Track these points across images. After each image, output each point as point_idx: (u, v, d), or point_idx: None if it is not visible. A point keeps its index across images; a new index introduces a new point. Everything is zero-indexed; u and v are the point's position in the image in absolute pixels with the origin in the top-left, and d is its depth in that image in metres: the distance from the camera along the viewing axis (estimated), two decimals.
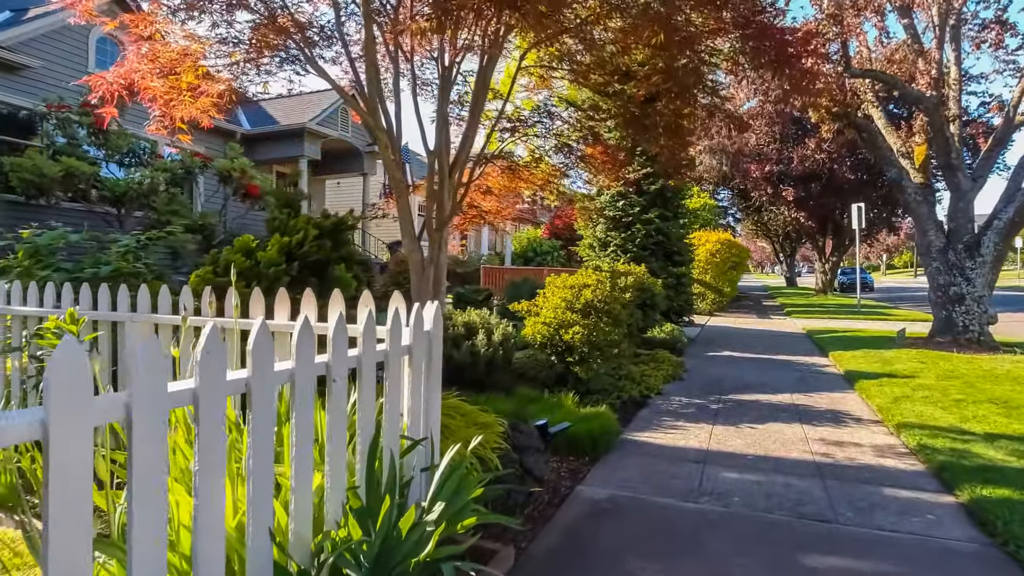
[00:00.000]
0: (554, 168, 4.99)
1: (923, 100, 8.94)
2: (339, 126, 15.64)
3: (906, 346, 9.22)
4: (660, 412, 5.45)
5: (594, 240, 10.45)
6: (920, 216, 9.48)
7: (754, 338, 11.29)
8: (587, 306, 5.79)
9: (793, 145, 20.94)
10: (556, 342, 5.65)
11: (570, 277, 6.18)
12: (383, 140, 3.51)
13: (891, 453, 4.27)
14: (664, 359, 7.76)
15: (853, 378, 6.92)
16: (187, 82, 3.14)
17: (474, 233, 26.02)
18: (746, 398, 6.07)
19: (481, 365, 5.10)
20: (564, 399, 4.93)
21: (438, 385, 2.73)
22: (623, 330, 6.08)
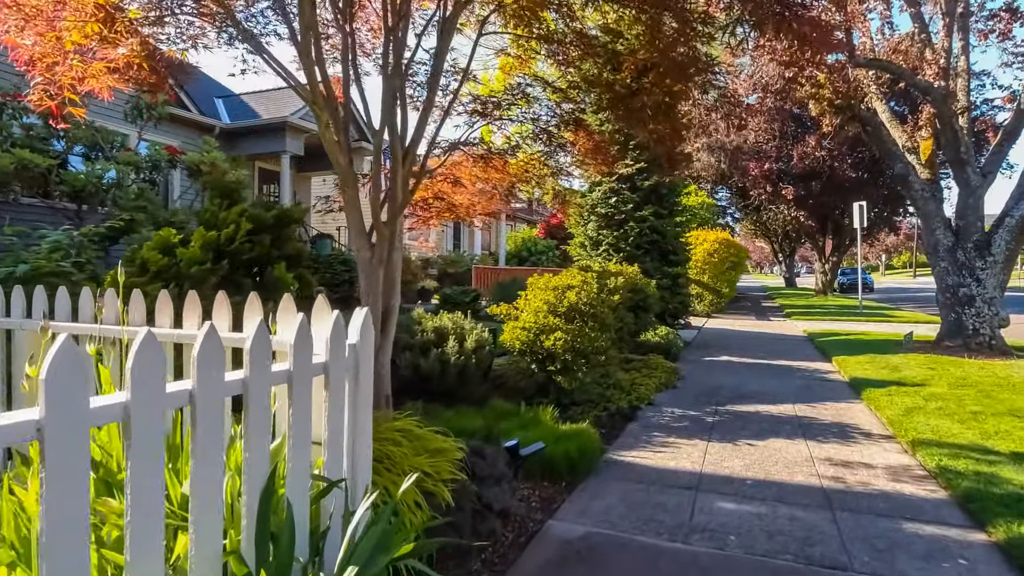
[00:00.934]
0: (531, 157, 4.51)
1: (931, 91, 8.47)
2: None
3: (913, 350, 8.74)
4: (650, 426, 4.96)
5: (585, 239, 9.96)
6: (927, 213, 9.01)
7: (753, 341, 10.81)
8: (571, 309, 5.31)
9: (793, 142, 20.48)
10: (536, 349, 5.16)
11: (554, 278, 5.70)
12: (322, 116, 3.01)
13: (907, 476, 3.78)
14: (657, 365, 7.27)
15: (859, 386, 6.44)
16: (73, 41, 2.67)
17: (468, 232, 25.55)
18: (745, 409, 5.58)
19: (451, 375, 4.61)
20: (542, 413, 4.44)
21: (367, 409, 2.23)
22: (611, 335, 5.60)
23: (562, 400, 5.17)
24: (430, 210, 4.58)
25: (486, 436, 4.09)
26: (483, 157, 4.27)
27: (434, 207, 4.52)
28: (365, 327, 2.25)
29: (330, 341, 2.05)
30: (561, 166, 4.85)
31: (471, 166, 4.41)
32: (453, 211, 4.71)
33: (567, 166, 4.86)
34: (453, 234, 25.64)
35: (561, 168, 4.89)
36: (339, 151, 3.14)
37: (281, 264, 3.43)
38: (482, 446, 3.21)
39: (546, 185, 5.02)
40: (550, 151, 4.55)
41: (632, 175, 9.60)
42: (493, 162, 4.32)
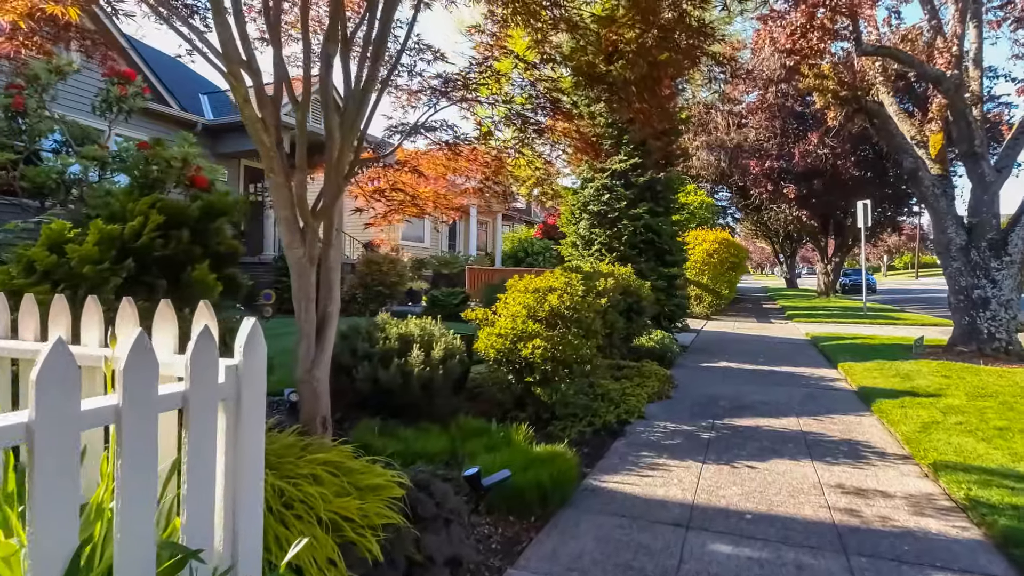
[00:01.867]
0: (507, 145, 4.02)
1: (943, 80, 7.96)
2: (312, 118, 14.67)
3: (924, 356, 8.23)
4: (639, 444, 4.46)
5: (577, 238, 9.47)
6: (938, 210, 8.50)
7: (754, 345, 10.31)
8: (552, 314, 4.81)
9: (794, 140, 19.97)
10: (513, 358, 4.66)
11: (535, 279, 5.20)
12: (239, 88, 2.52)
13: (932, 509, 3.28)
14: (651, 372, 6.77)
15: (869, 396, 5.94)
16: None
17: (464, 233, 25.07)
18: (744, 423, 5.08)
19: (415, 388, 4.11)
20: (516, 432, 3.94)
21: (255, 448, 1.73)
22: (597, 342, 5.10)
23: (542, 414, 4.68)
24: (390, 203, 4.08)
25: (448, 460, 3.60)
26: (449, 144, 3.78)
27: (394, 199, 4.02)
28: (253, 342, 1.74)
29: (191, 362, 1.54)
30: (540, 154, 4.36)
31: (437, 154, 3.92)
32: (417, 204, 4.21)
33: (546, 155, 4.38)
34: (449, 234, 25.16)
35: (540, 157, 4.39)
36: (262, 129, 2.65)
37: (203, 264, 2.93)
38: (431, 478, 2.71)
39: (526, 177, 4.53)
40: (525, 138, 4.07)
41: (626, 171, 9.11)
42: (460, 150, 3.83)
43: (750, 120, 21.23)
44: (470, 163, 4.00)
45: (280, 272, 11.61)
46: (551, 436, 4.47)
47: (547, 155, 4.34)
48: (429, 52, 3.90)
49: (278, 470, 2.31)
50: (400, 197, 3.97)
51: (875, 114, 8.95)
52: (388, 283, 11.14)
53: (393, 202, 4.02)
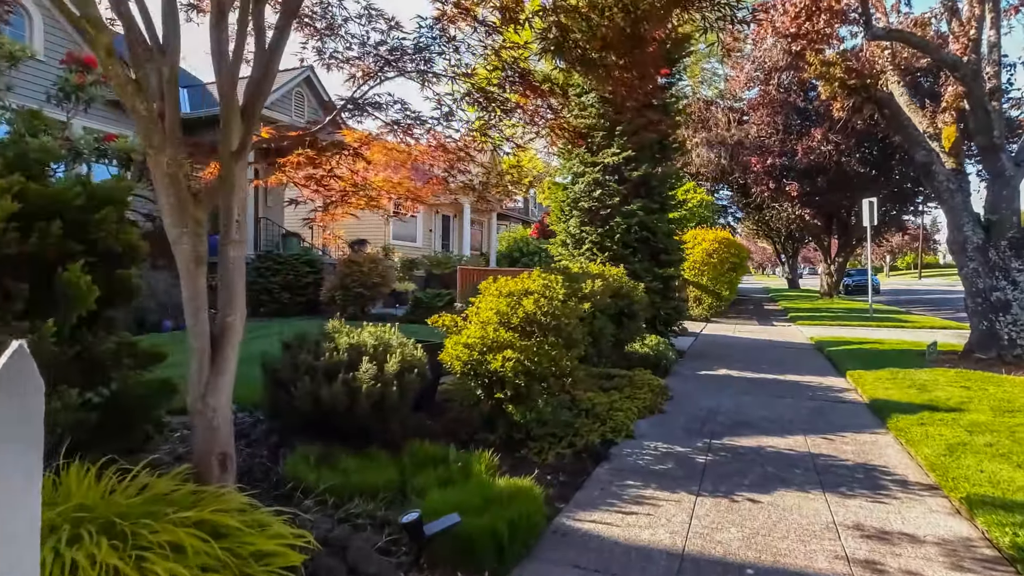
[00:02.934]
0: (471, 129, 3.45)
1: (959, 66, 7.40)
2: (292, 111, 14.13)
3: (939, 363, 7.67)
4: (625, 470, 3.89)
5: (567, 236, 8.90)
6: (954, 207, 7.93)
7: (755, 350, 9.74)
8: (528, 321, 4.25)
9: (797, 136, 19.39)
10: (481, 371, 4.10)
11: (510, 281, 4.64)
12: (99, 39, 1.97)
13: (972, 560, 2.71)
14: (643, 382, 6.21)
15: (883, 411, 5.37)
16: None
17: (458, 232, 24.52)
18: (745, 443, 4.51)
19: (363, 408, 3.54)
20: (478, 461, 3.37)
21: (19, 526, 1.15)
22: (579, 351, 4.54)
23: (514, 435, 4.11)
24: (329, 192, 3.51)
25: (394, 496, 3.04)
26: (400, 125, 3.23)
27: (333, 189, 3.45)
28: (15, 379, 1.17)
29: None
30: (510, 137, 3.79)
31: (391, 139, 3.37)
32: (369, 196, 3.64)
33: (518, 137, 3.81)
34: (442, 234, 24.63)
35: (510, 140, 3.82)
36: (136, 94, 2.09)
37: (76, 265, 2.37)
38: (349, 535, 2.15)
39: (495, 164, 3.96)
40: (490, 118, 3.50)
41: (619, 165, 8.54)
42: (412, 130, 3.28)
43: (751, 116, 20.67)
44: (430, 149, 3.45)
45: (259, 272, 11.07)
46: (523, 462, 3.91)
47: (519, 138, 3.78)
48: (382, 20, 3.35)
49: (128, 538, 1.74)
50: (339, 185, 3.41)
51: (885, 104, 8.38)
52: (369, 284, 10.58)
53: (333, 192, 3.45)
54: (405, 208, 3.90)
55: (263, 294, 10.95)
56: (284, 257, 11.18)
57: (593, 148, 8.79)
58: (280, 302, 10.95)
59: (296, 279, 11.05)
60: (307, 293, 11.13)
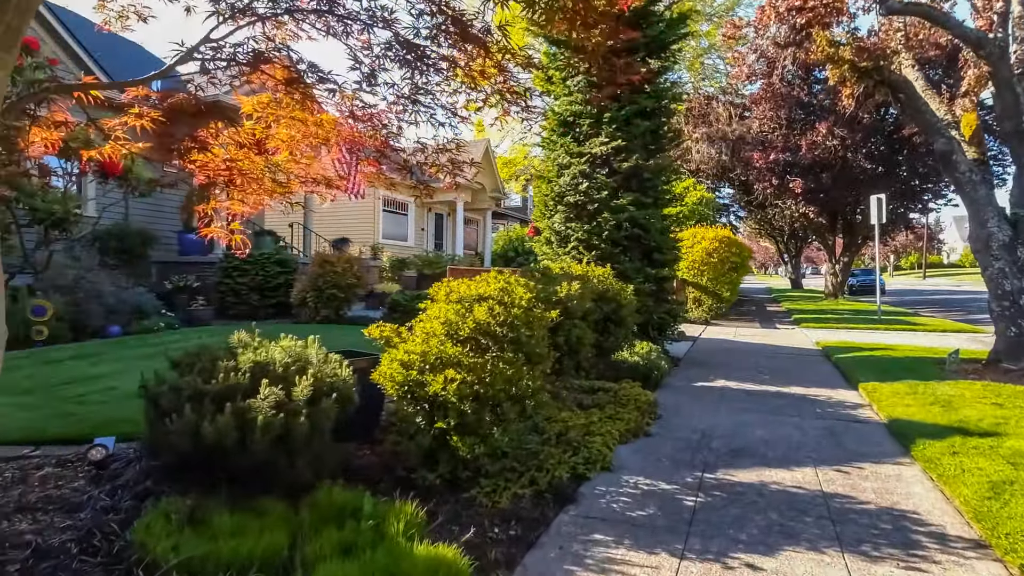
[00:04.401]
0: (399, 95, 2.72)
1: (984, 44, 6.64)
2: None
3: (961, 373, 6.91)
4: (593, 518, 3.15)
5: (551, 234, 8.16)
6: (977, 200, 7.16)
7: (757, 357, 8.99)
8: (480, 332, 3.51)
9: (801, 131, 18.61)
10: (421, 394, 3.36)
11: (462, 284, 3.90)
12: None
13: None
14: (629, 397, 5.46)
15: (905, 434, 4.62)
16: None
17: (451, 231, 23.81)
18: (744, 478, 3.77)
19: (260, 445, 2.81)
20: (396, 516, 2.62)
21: None
22: (544, 367, 3.80)
23: (460, 473, 3.37)
24: (202, 169, 2.77)
25: (279, 570, 2.31)
26: (295, 83, 2.49)
27: (208, 167, 2.71)
28: None
29: None
30: (445, 106, 3.05)
31: (285, 99, 2.63)
32: (276, 181, 2.90)
33: (458, 107, 3.08)
34: (435, 233, 23.92)
35: (447, 108, 3.09)
36: None
37: None
38: None
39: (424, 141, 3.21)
40: (417, 78, 2.76)
41: (607, 155, 7.79)
42: (309, 90, 2.55)
43: (753, 111, 19.91)
44: (337, 120, 2.72)
45: (226, 272, 10.36)
46: (469, 506, 3.18)
47: (457, 107, 3.06)
48: None
49: None
50: (218, 163, 2.66)
51: (900, 87, 7.62)
52: (343, 285, 9.86)
53: (210, 172, 2.71)
54: (321, 196, 3.17)
55: (230, 296, 10.24)
56: (253, 257, 10.46)
57: (579, 137, 8.05)
58: (248, 304, 10.24)
59: (266, 280, 10.33)
60: (278, 295, 10.41)
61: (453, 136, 3.13)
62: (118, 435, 3.63)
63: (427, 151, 3.20)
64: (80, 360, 5.83)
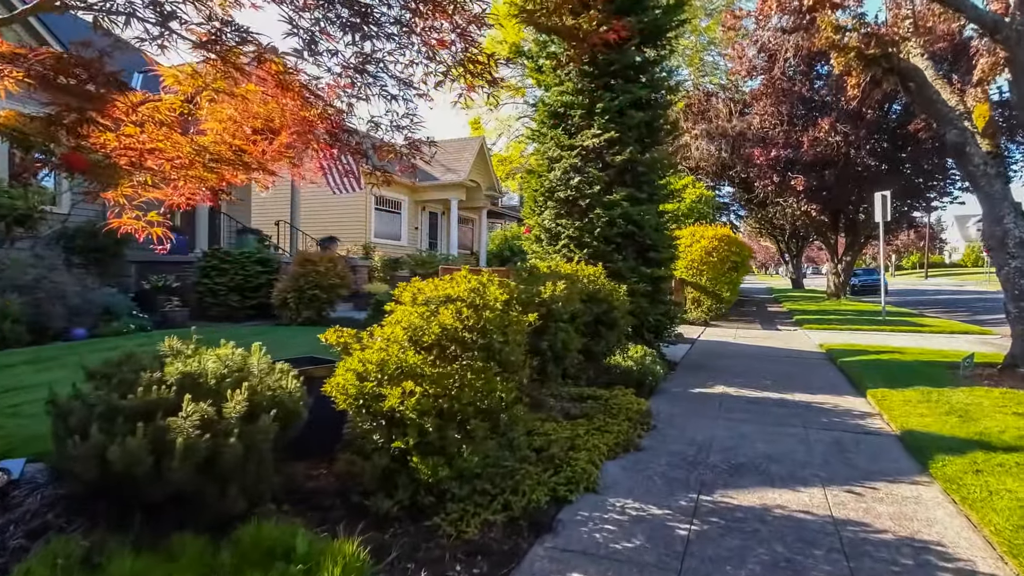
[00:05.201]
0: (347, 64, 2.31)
1: (1001, 27, 6.24)
2: None
3: (975, 379, 6.50)
4: (572, 551, 2.75)
5: (540, 231, 7.75)
6: (992, 195, 6.76)
7: (758, 361, 8.59)
8: (446, 339, 3.11)
9: (803, 127, 18.19)
10: (375, 409, 2.96)
11: (431, 283, 3.50)
12: None
13: None
14: (621, 407, 5.06)
15: (921, 448, 4.22)
16: None
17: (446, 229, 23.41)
18: (745, 500, 3.37)
19: (180, 472, 2.40)
20: (334, 557, 2.21)
21: None
22: (520, 377, 3.40)
23: (421, 499, 2.96)
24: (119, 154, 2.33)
25: None
26: (210, 46, 2.08)
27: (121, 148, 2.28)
28: None
29: None
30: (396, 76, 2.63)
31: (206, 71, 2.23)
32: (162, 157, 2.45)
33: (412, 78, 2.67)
34: (429, 231, 23.51)
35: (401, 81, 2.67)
36: None
37: None
38: None
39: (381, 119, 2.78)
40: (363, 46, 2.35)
41: (600, 148, 7.39)
42: (232, 56, 2.15)
43: (754, 106, 19.51)
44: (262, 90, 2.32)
45: (203, 272, 9.96)
46: (432, 536, 2.78)
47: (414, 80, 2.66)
48: None
49: None
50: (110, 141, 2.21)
51: (910, 76, 7.20)
52: (326, 285, 9.46)
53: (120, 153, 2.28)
54: (260, 184, 2.76)
55: (208, 296, 9.84)
56: (233, 255, 10.06)
57: (570, 129, 7.65)
58: (227, 305, 9.84)
59: (246, 280, 9.92)
60: (259, 295, 10.01)
61: (407, 111, 2.72)
62: (43, 455, 3.23)
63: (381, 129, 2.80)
64: (30, 366, 5.43)
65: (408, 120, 2.74)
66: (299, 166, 3.20)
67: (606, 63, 7.36)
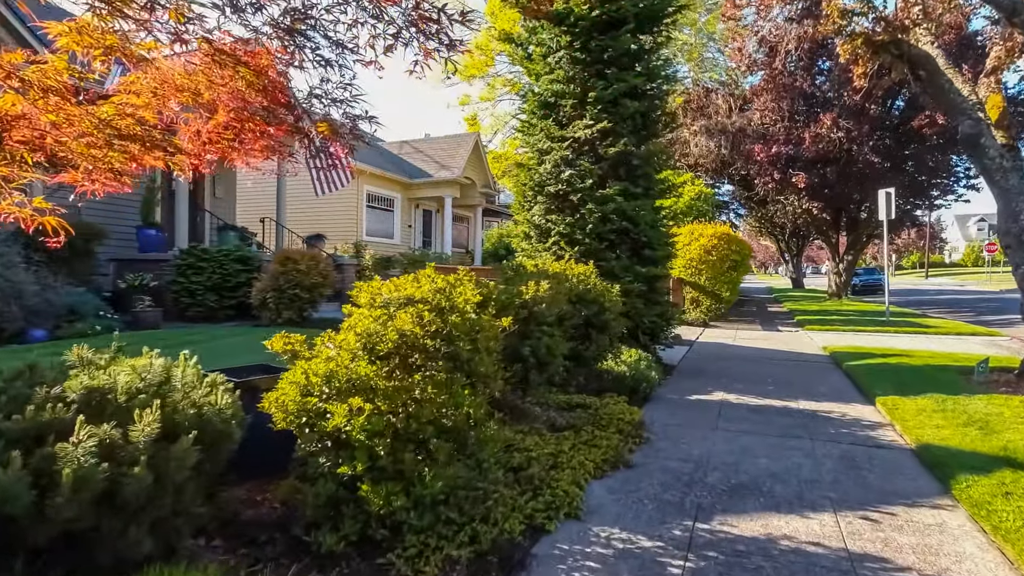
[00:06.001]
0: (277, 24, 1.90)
1: (1019, 10, 5.84)
2: None
3: (992, 386, 6.10)
4: None
5: (529, 227, 7.34)
6: (1008, 190, 6.36)
7: (760, 365, 8.19)
8: (405, 347, 2.70)
9: (804, 123, 17.79)
10: (320, 428, 2.55)
11: (391, 283, 3.09)
12: None
13: None
14: (611, 417, 4.66)
15: (940, 465, 3.82)
16: None
17: (440, 227, 22.98)
18: (746, 530, 2.96)
19: (69, 511, 1.99)
20: None
21: None
22: (491, 390, 2.99)
23: (371, 533, 2.56)
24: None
25: None
26: None
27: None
28: None
29: None
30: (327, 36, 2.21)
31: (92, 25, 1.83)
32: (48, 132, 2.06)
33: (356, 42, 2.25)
34: (423, 229, 23.09)
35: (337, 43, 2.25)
36: None
37: None
38: None
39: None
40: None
41: (592, 139, 6.98)
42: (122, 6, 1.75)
43: (754, 102, 19.10)
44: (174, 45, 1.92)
45: (179, 270, 9.54)
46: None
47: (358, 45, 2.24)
48: None
49: None
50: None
51: (921, 63, 6.80)
52: (307, 285, 9.04)
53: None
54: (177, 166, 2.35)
55: (184, 296, 9.42)
56: (211, 253, 9.64)
57: (561, 120, 7.24)
58: (205, 305, 9.42)
59: (224, 279, 9.50)
60: (238, 295, 9.59)
61: (343, 81, 2.30)
62: None
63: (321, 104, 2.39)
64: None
65: (345, 91, 2.32)
66: (239, 151, 2.79)
67: (599, 49, 6.96)
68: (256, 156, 2.88)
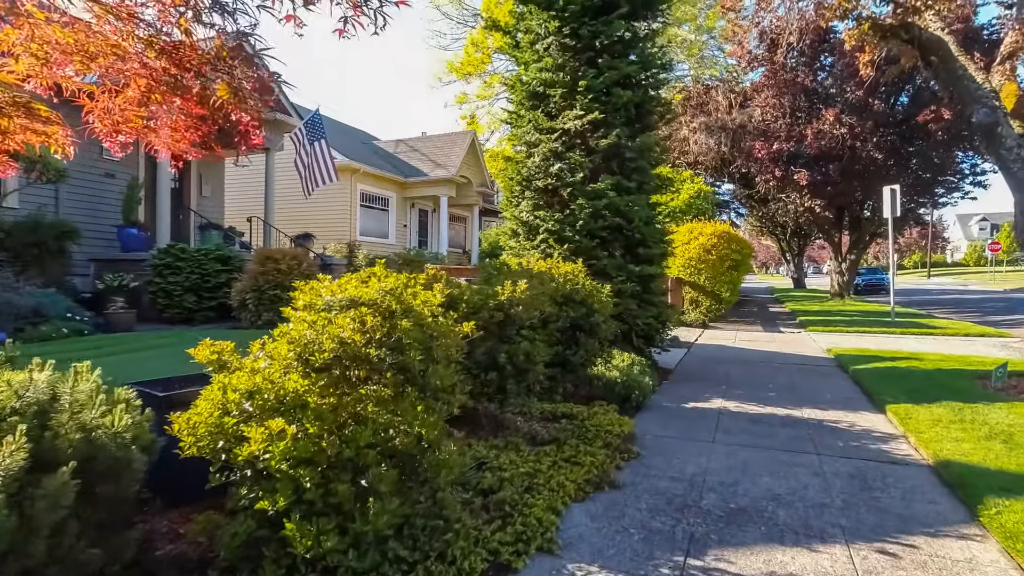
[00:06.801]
0: None
1: None
2: None
3: (1012, 392, 5.69)
4: None
5: (517, 224, 6.94)
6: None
7: (761, 369, 7.78)
8: (346, 356, 2.30)
9: (806, 119, 17.37)
10: (238, 456, 2.15)
11: (337, 282, 2.69)
12: None
13: None
14: (600, 428, 4.26)
15: (964, 484, 3.41)
16: None
17: (436, 227, 22.58)
18: (746, 567, 2.56)
19: None
20: None
21: None
22: (449, 407, 2.59)
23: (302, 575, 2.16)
24: None
25: None
26: None
27: None
28: None
29: None
30: None
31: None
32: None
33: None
34: (418, 229, 22.68)
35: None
36: None
37: None
38: None
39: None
40: None
41: (583, 131, 6.58)
42: None
43: (755, 98, 18.70)
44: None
45: (157, 270, 9.16)
46: None
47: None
48: None
49: None
50: None
51: (933, 48, 6.39)
52: (288, 285, 8.63)
53: None
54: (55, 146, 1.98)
55: (161, 297, 9.03)
56: (189, 253, 9.25)
57: (551, 111, 6.84)
58: (183, 307, 9.03)
59: (203, 279, 9.11)
60: (218, 296, 9.20)
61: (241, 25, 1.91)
62: None
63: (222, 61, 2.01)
64: None
65: (248, 44, 1.93)
66: (155, 130, 2.40)
67: (590, 35, 6.56)
68: (182, 140, 2.48)
